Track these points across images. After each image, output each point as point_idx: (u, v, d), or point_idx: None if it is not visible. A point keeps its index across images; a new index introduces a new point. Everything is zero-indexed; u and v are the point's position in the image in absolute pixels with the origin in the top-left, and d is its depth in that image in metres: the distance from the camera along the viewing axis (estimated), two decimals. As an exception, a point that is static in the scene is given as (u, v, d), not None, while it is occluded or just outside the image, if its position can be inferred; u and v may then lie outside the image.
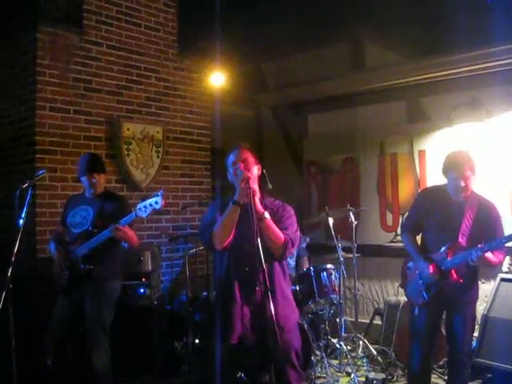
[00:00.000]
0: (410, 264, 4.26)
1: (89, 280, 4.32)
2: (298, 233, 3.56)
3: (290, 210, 3.60)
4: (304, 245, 6.20)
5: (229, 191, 3.56)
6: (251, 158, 3.52)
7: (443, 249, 3.95)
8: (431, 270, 3.93)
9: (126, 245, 4.44)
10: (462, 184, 3.93)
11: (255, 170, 3.50)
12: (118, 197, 4.74)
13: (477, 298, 4.14)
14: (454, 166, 3.95)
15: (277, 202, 3.59)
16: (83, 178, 4.53)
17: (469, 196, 4.00)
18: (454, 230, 3.95)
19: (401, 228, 4.50)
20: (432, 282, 3.97)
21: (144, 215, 4.07)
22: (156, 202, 4.00)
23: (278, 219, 3.47)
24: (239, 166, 3.40)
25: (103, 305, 4.36)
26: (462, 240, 3.93)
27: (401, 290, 4.46)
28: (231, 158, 3.52)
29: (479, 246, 3.81)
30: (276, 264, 3.49)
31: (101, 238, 4.23)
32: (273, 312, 2.91)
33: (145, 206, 4.03)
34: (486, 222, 3.99)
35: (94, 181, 4.48)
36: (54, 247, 4.53)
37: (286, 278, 3.59)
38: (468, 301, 4.05)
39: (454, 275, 3.91)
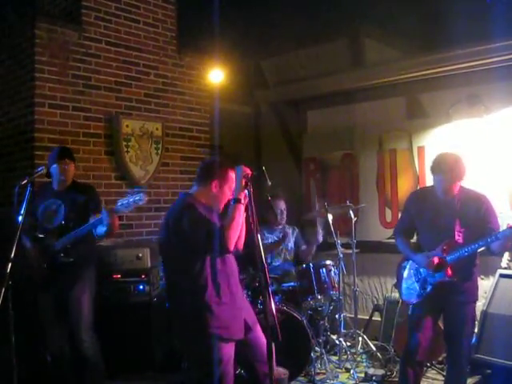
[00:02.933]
0: (406, 264, 4.26)
1: (69, 271, 4.39)
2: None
3: None
4: (296, 234, 6.21)
5: None
6: None
7: (440, 246, 3.95)
8: (435, 261, 3.90)
9: (104, 230, 4.30)
10: (445, 188, 3.97)
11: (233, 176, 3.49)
12: (86, 187, 4.78)
13: (476, 299, 4.12)
14: (440, 170, 3.95)
15: None
16: (54, 166, 4.50)
17: (458, 193, 4.01)
18: (449, 228, 3.96)
19: (394, 232, 4.47)
20: (427, 279, 3.98)
21: (126, 210, 4.12)
22: (140, 199, 4.04)
23: None
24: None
25: (84, 290, 4.47)
26: (458, 237, 3.94)
27: (398, 288, 4.47)
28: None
29: (478, 242, 3.83)
30: None
31: (87, 228, 4.30)
32: (274, 309, 2.91)
33: (128, 203, 4.05)
34: (479, 214, 3.98)
35: (65, 167, 4.50)
36: (31, 244, 4.49)
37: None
38: (467, 301, 4.03)
39: (449, 271, 3.91)
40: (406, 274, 4.23)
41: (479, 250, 3.94)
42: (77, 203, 4.49)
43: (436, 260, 3.91)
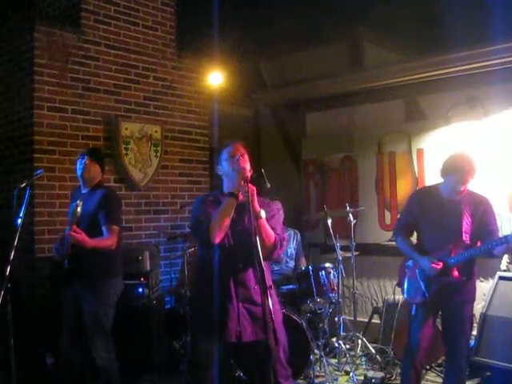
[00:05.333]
0: (410, 263, 4.23)
1: (79, 278, 4.27)
2: (285, 233, 3.55)
3: (276, 208, 3.56)
4: (297, 239, 6.22)
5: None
6: (247, 156, 3.52)
7: (446, 247, 3.95)
8: (438, 266, 3.90)
9: None
10: (461, 188, 3.97)
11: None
12: (104, 192, 4.47)
13: (474, 298, 4.12)
14: (458, 171, 3.93)
15: (262, 199, 3.49)
16: (77, 163, 4.45)
17: (464, 194, 4.02)
18: (456, 228, 3.96)
19: (394, 231, 4.41)
20: (433, 279, 3.97)
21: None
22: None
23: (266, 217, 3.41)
24: (238, 159, 3.40)
25: (97, 304, 4.29)
26: (465, 238, 3.96)
27: (398, 289, 4.46)
28: (229, 149, 3.49)
29: (479, 245, 3.89)
30: (265, 262, 3.47)
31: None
32: (272, 312, 2.91)
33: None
34: (483, 217, 4.01)
35: (82, 161, 4.38)
36: (55, 246, 4.41)
37: (271, 275, 3.63)
38: (465, 300, 4.04)
39: (456, 273, 3.92)
40: (410, 272, 4.20)
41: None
42: (91, 206, 4.33)
43: (440, 265, 3.91)
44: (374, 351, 5.73)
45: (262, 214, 3.29)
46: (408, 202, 4.38)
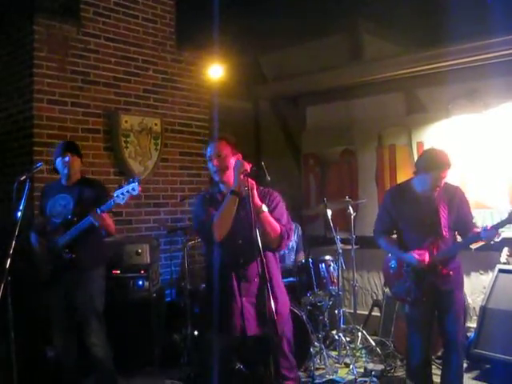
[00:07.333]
0: (392, 263, 4.23)
1: (73, 269, 4.29)
2: (291, 222, 3.55)
3: (277, 197, 3.55)
4: (298, 233, 6.22)
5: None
6: (227, 151, 3.50)
7: (426, 244, 3.97)
8: (424, 256, 3.91)
9: (103, 232, 4.39)
10: (441, 183, 3.98)
11: (232, 162, 3.46)
12: (96, 182, 4.74)
13: (462, 285, 4.17)
14: (438, 167, 3.95)
15: (261, 188, 3.51)
16: (58, 160, 4.43)
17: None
18: (435, 223, 3.98)
19: (374, 234, 4.40)
20: (422, 278, 3.98)
21: (122, 202, 4.05)
22: (133, 189, 4.00)
23: (268, 208, 3.40)
24: (214, 163, 3.45)
25: (92, 292, 4.36)
26: (445, 233, 3.97)
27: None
28: (208, 151, 3.53)
29: (463, 240, 4.01)
30: (270, 254, 3.47)
31: (82, 225, 4.21)
32: (272, 304, 2.91)
33: (122, 193, 4.03)
34: (459, 208, 4.05)
35: (66, 159, 4.38)
36: (36, 238, 4.44)
37: (279, 267, 3.62)
38: (454, 288, 4.06)
39: (444, 270, 3.94)
40: (395, 272, 4.20)
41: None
42: (84, 198, 4.40)
43: (426, 256, 3.91)
44: (373, 344, 5.74)
45: (264, 208, 3.29)
46: (383, 202, 4.40)
